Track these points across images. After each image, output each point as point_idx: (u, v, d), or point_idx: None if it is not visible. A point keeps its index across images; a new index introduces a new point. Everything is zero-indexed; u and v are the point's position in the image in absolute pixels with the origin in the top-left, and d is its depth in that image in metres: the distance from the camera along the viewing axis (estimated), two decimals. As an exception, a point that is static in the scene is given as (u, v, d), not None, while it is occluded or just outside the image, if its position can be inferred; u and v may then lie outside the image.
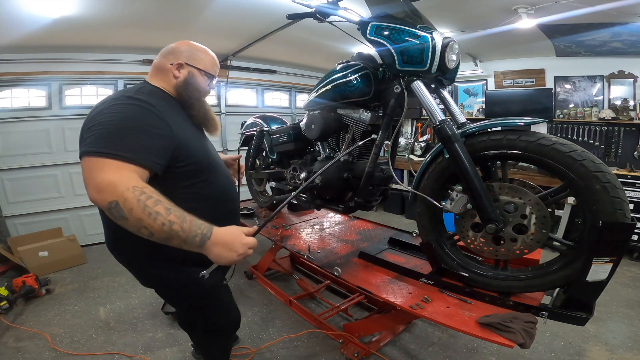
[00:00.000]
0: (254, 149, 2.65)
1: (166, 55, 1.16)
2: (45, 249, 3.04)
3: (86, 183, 0.83)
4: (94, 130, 0.88)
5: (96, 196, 0.81)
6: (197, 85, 1.15)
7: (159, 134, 0.94)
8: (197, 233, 0.84)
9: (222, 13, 2.83)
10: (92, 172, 0.83)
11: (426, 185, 1.52)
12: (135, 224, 0.81)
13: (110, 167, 0.82)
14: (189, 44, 1.19)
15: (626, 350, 2.02)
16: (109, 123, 0.89)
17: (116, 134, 0.87)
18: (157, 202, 0.82)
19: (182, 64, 1.13)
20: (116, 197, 0.79)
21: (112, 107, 0.93)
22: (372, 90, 1.66)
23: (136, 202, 0.79)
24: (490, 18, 2.94)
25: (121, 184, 0.80)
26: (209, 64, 1.19)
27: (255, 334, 2.19)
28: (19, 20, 2.52)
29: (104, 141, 0.85)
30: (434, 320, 1.35)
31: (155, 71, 1.15)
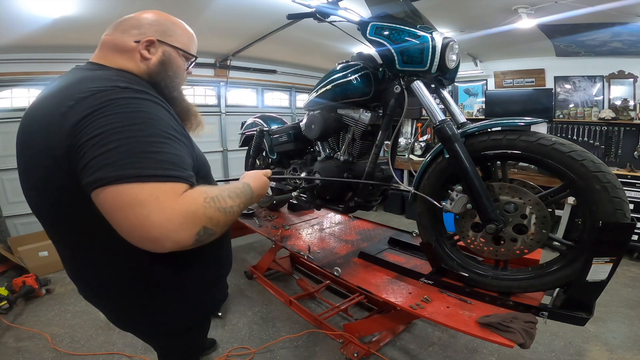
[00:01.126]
0: (254, 149, 2.65)
1: (126, 29, 0.82)
2: (45, 249, 3.04)
3: (136, 222, 0.57)
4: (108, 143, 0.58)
5: (173, 237, 0.59)
6: (177, 68, 0.86)
7: (183, 140, 0.71)
8: (247, 193, 0.81)
9: (222, 13, 2.84)
10: (149, 206, 0.57)
11: (426, 185, 1.52)
12: (222, 231, 0.69)
13: (166, 194, 0.59)
14: (159, 13, 0.88)
15: (626, 350, 2.02)
16: (131, 129, 0.61)
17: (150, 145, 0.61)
18: (222, 197, 0.69)
19: (154, 41, 0.82)
20: (203, 223, 0.62)
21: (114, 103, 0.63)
22: (372, 90, 1.66)
23: (218, 211, 0.66)
24: (490, 18, 2.94)
25: (196, 207, 0.62)
26: (187, 40, 0.91)
27: (255, 334, 2.19)
28: (19, 20, 2.52)
29: (137, 158, 0.59)
30: (434, 320, 1.35)
31: (113, 51, 0.81)
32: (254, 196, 0.86)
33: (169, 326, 0.92)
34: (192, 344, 1.10)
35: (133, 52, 0.81)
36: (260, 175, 0.96)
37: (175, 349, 1.08)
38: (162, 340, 1.04)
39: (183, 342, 1.05)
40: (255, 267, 2.91)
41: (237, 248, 3.66)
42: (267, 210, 2.95)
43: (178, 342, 1.04)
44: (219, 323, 2.30)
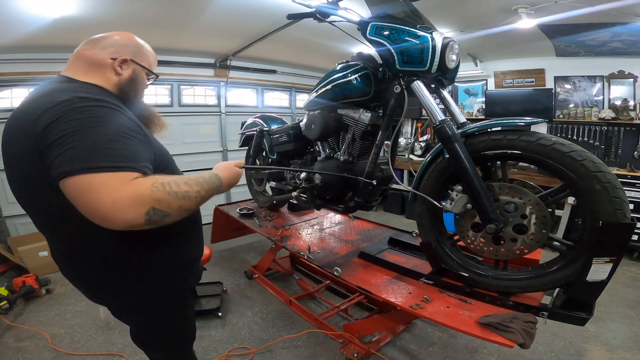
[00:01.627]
0: (254, 149, 2.66)
1: (104, 47, 0.95)
2: (45, 249, 3.03)
3: (92, 207, 0.69)
4: (67, 143, 0.71)
5: (122, 217, 0.69)
6: (142, 83, 1.03)
7: (139, 138, 0.83)
8: (213, 181, 0.90)
9: (222, 13, 2.83)
10: (97, 193, 0.68)
11: (426, 185, 1.52)
12: (177, 213, 0.78)
13: (116, 180, 0.70)
14: (131, 37, 1.02)
15: (626, 350, 2.02)
16: (86, 131, 0.72)
17: (103, 143, 0.73)
18: (176, 182, 0.79)
19: (127, 60, 0.97)
20: (150, 204, 0.72)
21: (74, 111, 0.74)
22: (372, 90, 1.66)
23: (167, 194, 0.75)
24: (490, 18, 2.94)
25: (142, 190, 0.72)
26: (152, 61, 1.07)
27: (255, 334, 2.19)
28: (19, 20, 2.52)
29: (92, 153, 0.70)
30: (434, 320, 1.35)
31: (87, 66, 0.93)
32: (222, 185, 0.94)
33: (132, 304, 1.03)
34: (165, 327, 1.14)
35: (107, 67, 0.95)
36: (231, 165, 1.03)
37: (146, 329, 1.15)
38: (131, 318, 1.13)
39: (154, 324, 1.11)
40: (255, 267, 2.91)
41: (237, 248, 3.66)
42: (267, 210, 2.95)
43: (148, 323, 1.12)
44: (219, 323, 2.31)
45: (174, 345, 1.21)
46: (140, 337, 1.20)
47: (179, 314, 1.16)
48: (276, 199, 2.76)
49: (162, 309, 1.08)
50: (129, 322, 1.17)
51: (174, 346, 1.21)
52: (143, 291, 1.00)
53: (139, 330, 1.19)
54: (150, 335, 1.17)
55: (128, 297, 1.00)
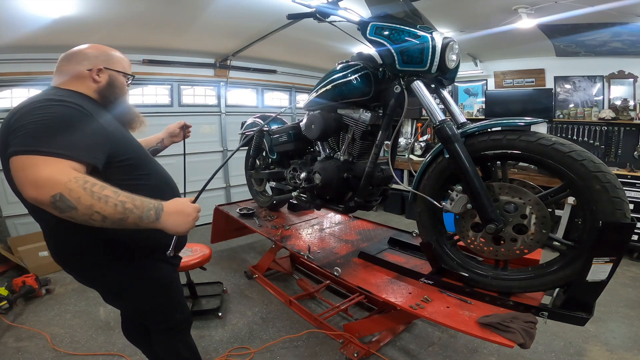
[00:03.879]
0: (254, 149, 2.66)
1: (79, 61, 1.09)
2: (46, 249, 3.02)
3: (20, 182, 0.78)
4: (21, 131, 0.83)
5: (35, 193, 0.76)
6: (120, 85, 1.16)
7: (91, 131, 0.92)
8: (150, 207, 0.89)
9: (222, 13, 2.84)
10: (26, 171, 0.78)
11: (426, 185, 1.52)
12: (85, 212, 0.79)
13: (45, 163, 0.79)
14: (100, 47, 1.16)
15: (626, 350, 2.02)
16: (38, 122, 0.84)
17: (47, 133, 0.83)
18: (103, 187, 0.82)
19: (102, 69, 1.11)
20: (60, 190, 0.76)
21: (38, 109, 0.88)
22: (372, 90, 1.66)
23: (82, 189, 0.78)
24: (490, 18, 2.94)
25: (61, 176, 0.78)
26: (125, 64, 1.20)
27: (255, 334, 2.19)
28: (19, 20, 2.52)
29: (34, 140, 0.81)
30: (434, 320, 1.35)
31: (69, 78, 1.08)
32: (162, 213, 0.91)
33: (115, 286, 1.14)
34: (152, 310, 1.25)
35: (86, 78, 1.09)
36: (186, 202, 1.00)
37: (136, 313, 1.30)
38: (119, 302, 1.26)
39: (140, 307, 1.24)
40: (255, 267, 2.91)
41: (237, 248, 3.66)
42: (267, 210, 2.95)
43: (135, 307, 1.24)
44: (219, 323, 2.31)
45: (168, 328, 1.30)
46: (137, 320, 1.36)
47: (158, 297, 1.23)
48: (276, 199, 2.76)
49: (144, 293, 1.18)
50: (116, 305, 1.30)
51: (168, 329, 1.31)
52: (122, 274, 1.11)
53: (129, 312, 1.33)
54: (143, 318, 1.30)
55: (110, 278, 1.11)
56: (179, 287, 1.34)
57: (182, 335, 1.37)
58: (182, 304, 1.34)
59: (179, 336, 1.35)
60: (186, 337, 1.40)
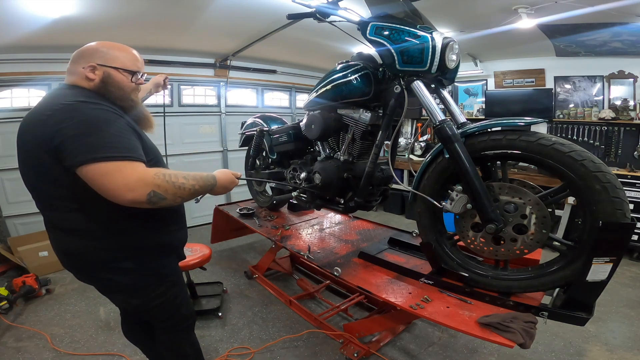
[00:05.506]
0: (254, 149, 2.66)
1: (77, 60, 1.09)
2: (45, 249, 3.03)
3: (109, 188, 0.89)
4: (81, 138, 0.90)
5: (131, 195, 0.89)
6: (117, 84, 1.10)
7: (131, 132, 1.01)
8: (209, 180, 1.09)
9: (222, 13, 2.83)
10: (112, 177, 0.89)
11: (426, 185, 1.52)
12: (171, 200, 0.97)
13: (126, 168, 0.91)
14: (100, 44, 1.12)
15: (626, 350, 2.02)
16: (93, 128, 0.92)
17: (110, 137, 0.92)
18: (176, 175, 0.98)
19: (95, 66, 1.07)
20: (151, 188, 0.92)
21: (79, 112, 0.93)
22: (372, 90, 1.66)
23: (166, 182, 0.95)
24: (490, 18, 2.94)
25: (146, 176, 0.92)
26: (126, 60, 1.13)
27: (255, 334, 2.19)
28: (19, 20, 2.52)
29: (103, 147, 0.90)
30: (434, 320, 1.35)
31: (72, 76, 1.09)
32: (216, 185, 1.13)
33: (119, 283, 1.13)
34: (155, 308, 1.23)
35: (82, 76, 1.07)
36: (229, 173, 1.21)
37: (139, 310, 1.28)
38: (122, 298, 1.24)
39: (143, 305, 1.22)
40: (255, 267, 2.91)
41: (237, 248, 3.66)
42: (267, 210, 2.95)
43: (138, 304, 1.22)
44: (219, 323, 2.31)
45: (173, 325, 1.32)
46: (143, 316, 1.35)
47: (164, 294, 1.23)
48: (276, 199, 2.76)
49: (152, 289, 1.19)
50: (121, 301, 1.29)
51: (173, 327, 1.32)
52: (127, 271, 1.11)
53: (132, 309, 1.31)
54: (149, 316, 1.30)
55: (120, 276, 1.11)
56: (184, 283, 1.37)
57: (186, 332, 1.38)
58: (186, 300, 1.36)
59: (183, 334, 1.36)
60: (190, 335, 1.41)
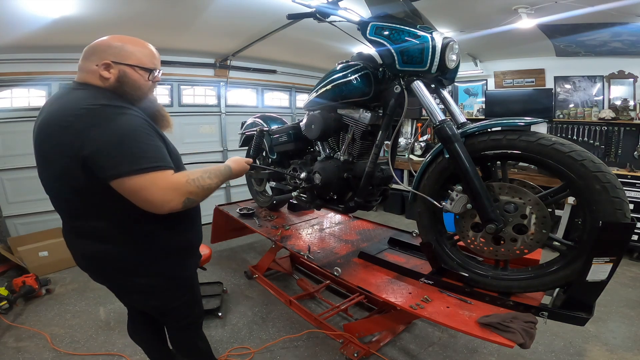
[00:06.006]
0: (254, 149, 2.65)
1: (88, 56, 1.03)
2: (45, 249, 3.04)
3: (146, 200, 0.92)
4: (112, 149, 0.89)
5: (169, 206, 0.94)
6: (135, 82, 1.04)
7: (156, 136, 1.00)
8: (226, 173, 1.15)
9: (222, 13, 2.83)
10: (150, 190, 0.91)
11: (426, 185, 1.52)
12: (201, 200, 1.04)
13: (161, 179, 0.93)
14: (114, 39, 1.04)
15: (626, 350, 2.02)
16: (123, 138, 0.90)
17: (141, 147, 0.92)
18: (202, 177, 1.02)
19: (109, 63, 1.00)
20: (186, 195, 0.96)
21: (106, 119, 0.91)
22: (372, 90, 1.66)
23: (196, 187, 0.99)
24: (490, 18, 2.94)
25: (180, 184, 0.96)
26: (142, 56, 1.06)
27: (255, 334, 2.19)
28: (19, 20, 2.52)
29: (136, 158, 0.90)
30: (434, 320, 1.35)
31: (83, 74, 1.03)
32: (232, 174, 1.18)
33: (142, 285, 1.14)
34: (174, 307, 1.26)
35: (96, 73, 1.01)
36: (242, 161, 1.27)
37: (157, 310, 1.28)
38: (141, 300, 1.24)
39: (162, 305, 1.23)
40: (255, 267, 2.91)
41: (237, 248, 3.66)
42: (267, 210, 2.95)
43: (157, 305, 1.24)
44: (219, 323, 2.31)
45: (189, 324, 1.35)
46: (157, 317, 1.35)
47: (185, 295, 1.27)
48: (276, 199, 2.76)
49: (168, 291, 1.20)
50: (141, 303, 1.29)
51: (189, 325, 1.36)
52: (151, 274, 1.12)
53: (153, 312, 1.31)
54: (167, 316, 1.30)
55: (138, 279, 1.12)
56: (199, 284, 1.41)
57: (199, 328, 1.45)
58: (200, 299, 1.41)
59: (195, 331, 1.42)
60: (200, 331, 1.47)
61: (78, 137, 0.88)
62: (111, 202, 0.96)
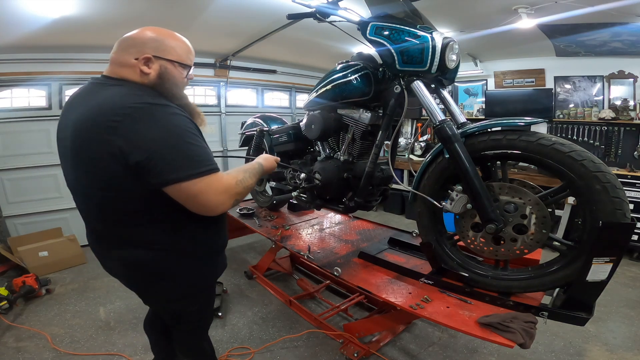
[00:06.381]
0: (254, 149, 2.65)
1: (126, 48, 0.97)
2: (45, 249, 3.04)
3: (202, 204, 0.91)
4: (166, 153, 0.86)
5: (222, 208, 0.95)
6: (174, 79, 1.01)
7: (200, 136, 0.98)
8: (260, 170, 1.19)
9: (222, 13, 2.83)
10: (207, 194, 0.90)
11: (426, 185, 1.52)
12: (242, 198, 1.06)
13: (214, 182, 0.92)
14: (153, 31, 0.99)
15: (626, 350, 2.02)
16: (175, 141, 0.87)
17: (193, 150, 0.90)
18: (245, 178, 1.05)
19: (150, 58, 0.96)
20: (235, 197, 0.98)
21: (156, 119, 0.87)
22: (372, 90, 1.66)
23: (242, 188, 1.02)
24: (490, 18, 2.94)
25: (229, 186, 0.97)
26: (182, 52, 1.03)
27: (255, 334, 2.19)
28: (19, 20, 2.52)
29: (190, 163, 0.88)
30: (434, 320, 1.35)
31: (118, 68, 0.97)
32: (263, 171, 1.23)
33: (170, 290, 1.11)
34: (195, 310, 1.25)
35: (135, 68, 0.96)
36: (272, 158, 1.33)
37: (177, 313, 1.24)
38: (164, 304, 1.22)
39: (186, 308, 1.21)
40: (255, 267, 2.91)
41: (237, 248, 3.66)
42: (267, 210, 2.95)
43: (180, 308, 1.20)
44: (219, 323, 2.31)
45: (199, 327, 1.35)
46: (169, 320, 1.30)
47: (208, 298, 1.31)
48: (276, 199, 2.76)
49: (195, 294, 1.20)
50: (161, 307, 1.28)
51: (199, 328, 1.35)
52: (181, 278, 1.10)
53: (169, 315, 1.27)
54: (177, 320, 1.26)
55: (167, 282, 1.09)
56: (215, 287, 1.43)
57: (205, 332, 1.43)
58: (214, 301, 1.44)
59: (202, 333, 1.41)
60: (206, 333, 1.45)
61: (128, 141, 0.83)
62: (157, 207, 0.94)
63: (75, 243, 3.30)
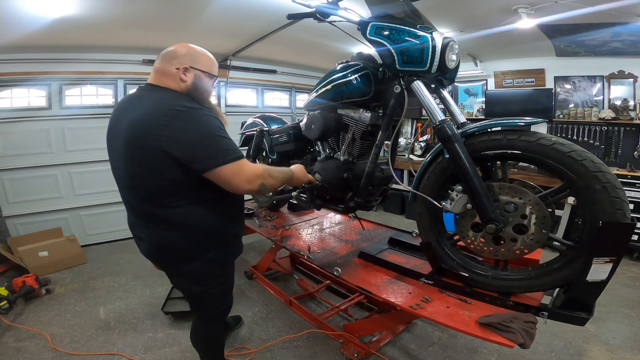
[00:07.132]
0: (254, 149, 2.65)
1: (169, 59, 1.21)
2: (45, 249, 3.04)
3: (236, 183, 1.13)
4: (208, 146, 1.09)
5: (249, 187, 1.16)
6: (205, 86, 1.24)
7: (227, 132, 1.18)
8: (290, 173, 1.42)
9: (222, 13, 2.83)
10: (238, 175, 1.12)
11: (426, 185, 1.52)
12: (269, 189, 1.25)
13: (243, 165, 1.14)
14: (188, 47, 1.25)
15: (626, 350, 2.02)
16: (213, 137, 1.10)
17: (226, 142, 1.13)
18: (272, 170, 1.25)
19: (188, 68, 1.19)
20: (261, 180, 1.19)
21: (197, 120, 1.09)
22: (372, 90, 1.66)
23: (269, 177, 1.22)
24: (490, 18, 2.94)
25: (256, 171, 1.18)
26: (210, 64, 1.28)
27: (255, 334, 2.19)
28: (19, 20, 2.52)
29: (226, 152, 1.11)
30: (434, 320, 1.35)
31: (162, 76, 1.20)
32: (293, 179, 1.45)
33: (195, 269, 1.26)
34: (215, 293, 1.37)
35: (175, 76, 1.19)
36: (305, 173, 1.56)
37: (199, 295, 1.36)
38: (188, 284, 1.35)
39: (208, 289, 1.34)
40: (255, 267, 2.91)
41: (237, 248, 3.65)
42: (267, 210, 2.95)
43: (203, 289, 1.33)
44: (219, 323, 2.30)
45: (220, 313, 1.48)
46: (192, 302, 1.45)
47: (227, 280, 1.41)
48: (276, 199, 2.76)
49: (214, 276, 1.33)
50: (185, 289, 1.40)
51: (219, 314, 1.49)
52: (206, 260, 1.26)
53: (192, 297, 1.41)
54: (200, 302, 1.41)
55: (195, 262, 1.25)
56: None
57: (222, 319, 1.56)
58: (232, 289, 1.51)
59: (219, 321, 1.53)
60: (222, 322, 1.60)
61: (176, 137, 1.05)
62: (195, 191, 1.15)
63: (75, 243, 3.30)
